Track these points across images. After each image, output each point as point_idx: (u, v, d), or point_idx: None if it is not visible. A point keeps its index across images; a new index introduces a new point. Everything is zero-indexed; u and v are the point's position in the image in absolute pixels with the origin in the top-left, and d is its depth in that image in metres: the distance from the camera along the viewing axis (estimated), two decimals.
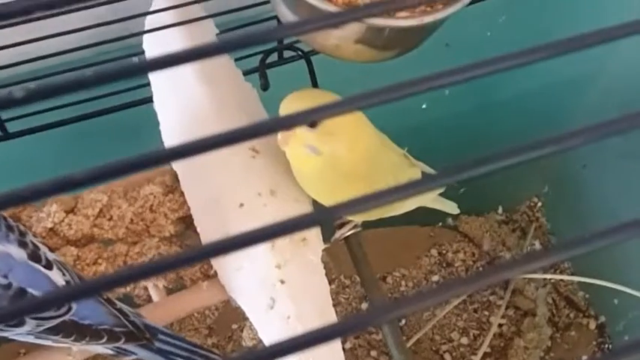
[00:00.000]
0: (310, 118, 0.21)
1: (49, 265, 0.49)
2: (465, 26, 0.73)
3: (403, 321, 1.07)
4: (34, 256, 0.48)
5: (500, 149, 0.21)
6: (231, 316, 1.03)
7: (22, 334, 0.48)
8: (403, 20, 0.48)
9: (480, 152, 0.21)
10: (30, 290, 0.47)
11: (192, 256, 0.20)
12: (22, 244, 0.48)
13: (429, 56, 0.61)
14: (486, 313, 1.09)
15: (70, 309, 0.49)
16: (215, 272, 0.60)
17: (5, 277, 0.46)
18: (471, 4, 0.64)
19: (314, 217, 0.22)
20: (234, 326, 1.04)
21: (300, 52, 0.70)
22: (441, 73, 0.21)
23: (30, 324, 0.47)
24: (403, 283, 1.10)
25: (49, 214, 0.58)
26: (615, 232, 0.21)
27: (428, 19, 0.48)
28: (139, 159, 0.19)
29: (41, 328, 0.47)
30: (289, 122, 0.23)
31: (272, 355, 0.18)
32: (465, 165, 0.21)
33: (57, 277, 0.49)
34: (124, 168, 0.19)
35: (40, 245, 0.50)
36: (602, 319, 1.10)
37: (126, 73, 0.20)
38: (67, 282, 0.49)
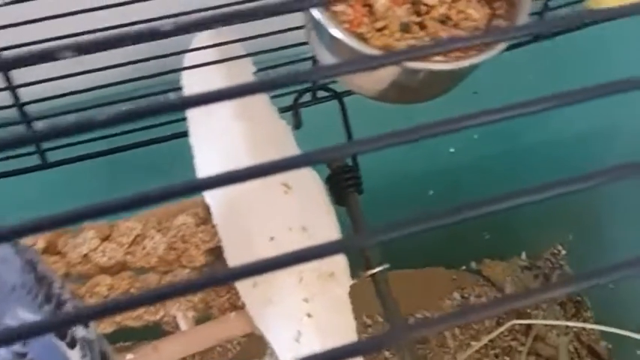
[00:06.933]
0: (343, 154, 0.22)
1: (72, 344, 0.49)
2: (493, 74, 0.75)
3: None
4: (61, 332, 0.48)
5: (523, 188, 0.21)
6: (253, 351, 1.04)
7: None
8: (439, 64, 0.50)
9: None
10: None
11: (220, 277, 0.20)
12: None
13: (457, 103, 0.62)
14: (507, 358, 1.09)
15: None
16: (243, 303, 0.61)
17: (24, 345, 0.46)
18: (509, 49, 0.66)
19: (340, 245, 0.22)
20: None
21: (333, 93, 0.71)
22: (464, 116, 0.22)
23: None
24: None
25: (85, 240, 0.60)
26: (629, 266, 0.21)
27: (463, 63, 0.49)
28: (175, 187, 0.19)
29: None
30: (320, 157, 0.22)
31: None
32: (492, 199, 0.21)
33: (75, 358, 0.49)
34: (160, 195, 0.19)
35: None
36: None
37: (167, 108, 0.20)
38: None
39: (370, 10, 0.53)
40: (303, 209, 0.62)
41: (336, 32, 0.49)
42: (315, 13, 0.50)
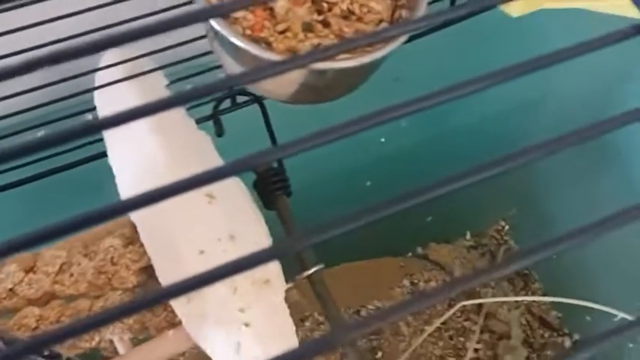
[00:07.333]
0: (270, 158, 0.22)
1: None
2: (413, 60, 0.75)
3: (379, 353, 1.07)
4: None
5: (460, 171, 0.21)
6: None
7: None
8: (343, 62, 0.49)
9: None
10: None
11: (151, 299, 0.20)
12: None
13: (379, 91, 0.62)
14: (462, 339, 1.10)
15: None
16: (180, 320, 0.60)
17: None
18: (413, 39, 0.66)
19: (271, 252, 0.22)
20: None
21: (252, 97, 0.70)
22: (393, 107, 0.21)
23: None
24: None
25: (8, 274, 0.58)
26: (570, 237, 0.21)
27: (366, 59, 0.49)
28: (98, 212, 0.19)
29: None
30: (246, 165, 0.22)
31: None
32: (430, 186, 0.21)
33: None
34: (80, 222, 0.19)
35: None
36: (577, 336, 1.11)
37: (82, 133, 0.20)
38: None
39: (271, 14, 0.52)
40: (229, 218, 0.61)
41: (236, 40, 0.48)
42: (214, 23, 0.49)
